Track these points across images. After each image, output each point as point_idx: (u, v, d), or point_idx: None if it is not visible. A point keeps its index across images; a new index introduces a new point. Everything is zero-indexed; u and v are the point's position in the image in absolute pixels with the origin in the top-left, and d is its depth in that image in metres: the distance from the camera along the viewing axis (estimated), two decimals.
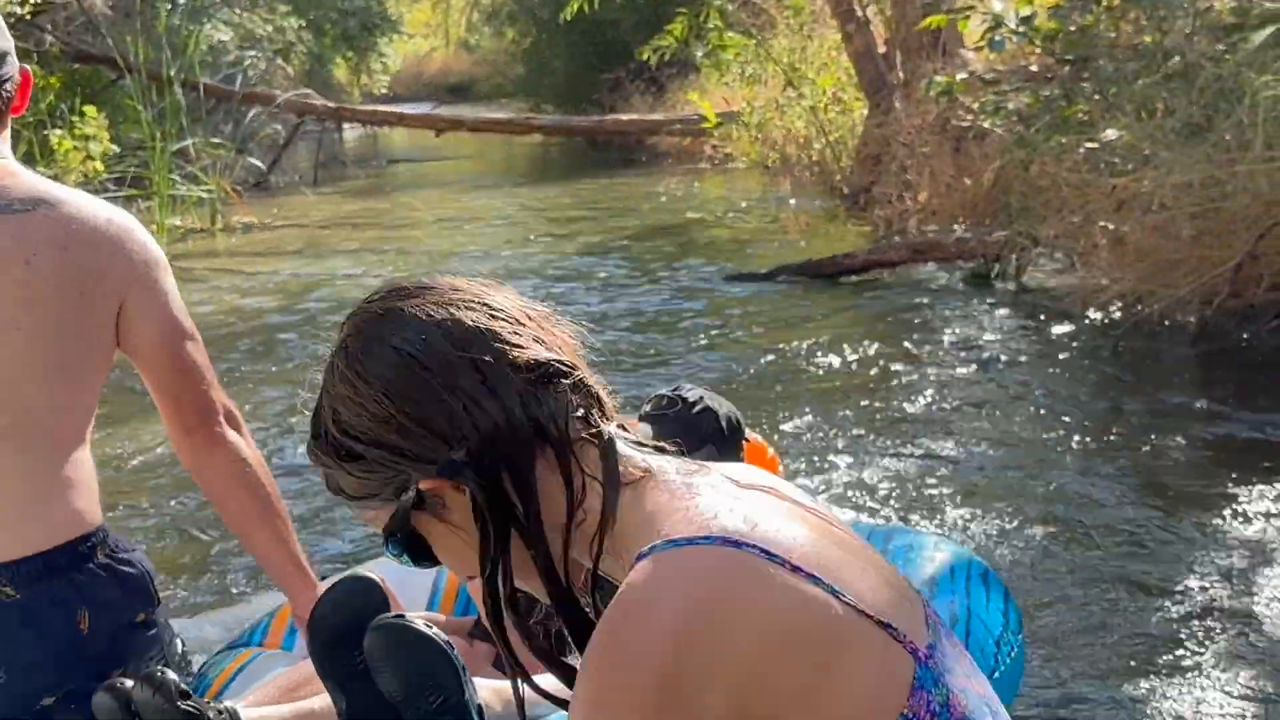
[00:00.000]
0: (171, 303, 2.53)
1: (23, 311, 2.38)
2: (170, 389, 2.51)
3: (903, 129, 11.88)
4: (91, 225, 2.49)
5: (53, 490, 2.43)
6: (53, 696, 2.48)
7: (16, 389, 2.37)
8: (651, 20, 18.67)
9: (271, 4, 24.45)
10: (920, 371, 6.98)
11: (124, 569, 2.56)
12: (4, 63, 2.59)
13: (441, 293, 1.45)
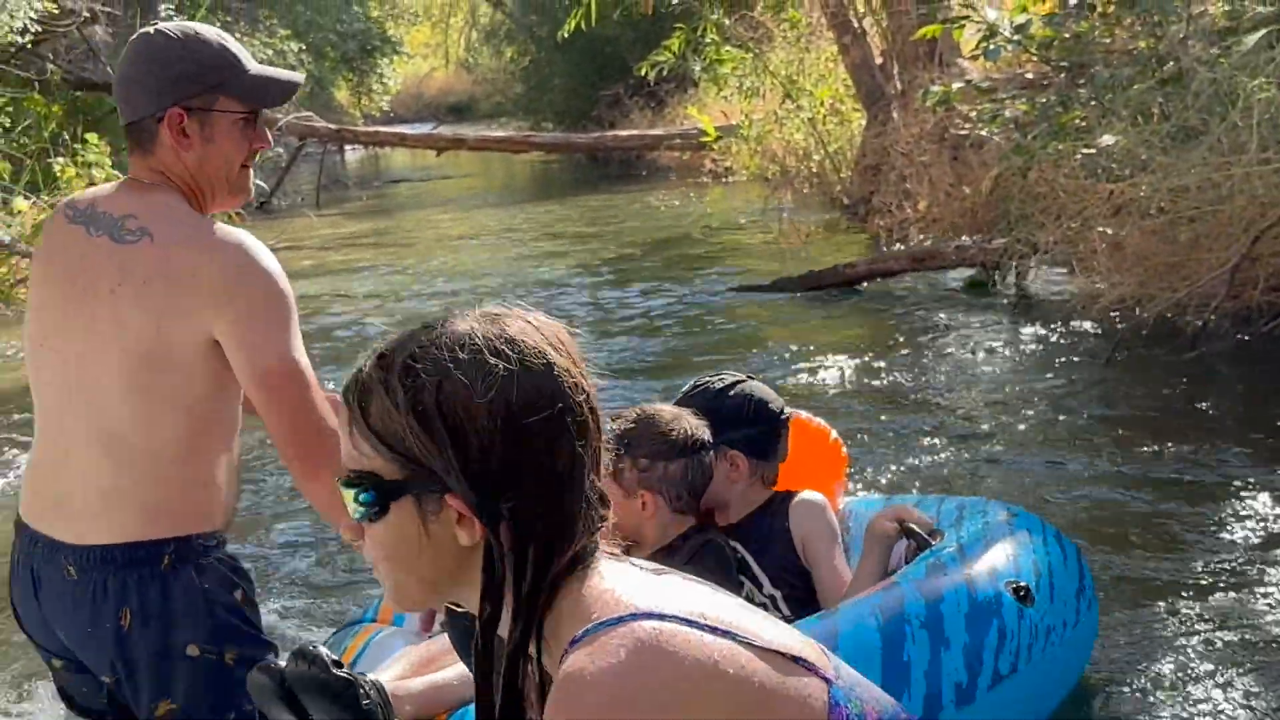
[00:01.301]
0: (262, 340, 2.59)
1: (114, 335, 2.62)
2: (267, 422, 2.62)
3: (901, 138, 11.92)
4: (179, 262, 2.59)
5: (129, 495, 2.64)
6: (109, 678, 2.71)
7: (108, 401, 2.63)
8: (649, 36, 18.75)
9: (271, 27, 24.56)
10: (922, 378, 7.02)
11: (190, 590, 2.65)
12: None
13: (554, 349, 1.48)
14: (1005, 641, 2.71)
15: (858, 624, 2.56)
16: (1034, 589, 2.84)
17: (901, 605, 2.62)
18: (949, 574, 2.75)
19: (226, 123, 2.68)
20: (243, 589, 2.75)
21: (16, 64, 17.12)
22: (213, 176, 2.70)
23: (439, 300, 10.81)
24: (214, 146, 2.68)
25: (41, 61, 18.55)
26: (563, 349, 1.49)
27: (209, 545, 2.71)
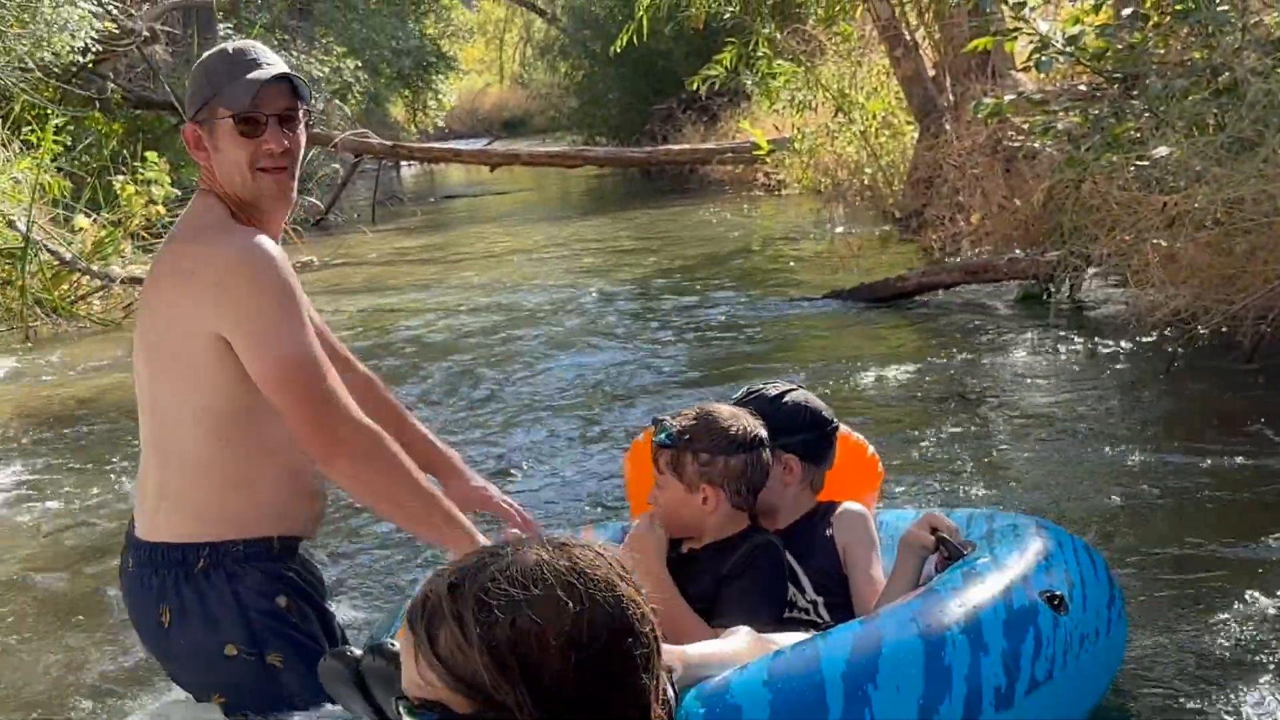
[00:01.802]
0: (263, 336, 2.69)
1: (143, 332, 2.84)
2: (284, 415, 2.69)
3: (953, 151, 11.88)
4: (180, 261, 2.72)
5: (172, 495, 2.81)
6: (163, 666, 2.95)
7: (151, 405, 2.84)
8: (702, 51, 18.79)
9: (328, 45, 24.78)
10: (973, 391, 6.99)
11: (218, 594, 2.74)
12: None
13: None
14: (1041, 648, 2.77)
15: (899, 629, 2.61)
16: (1067, 598, 2.90)
17: (941, 612, 2.67)
18: (985, 583, 2.80)
19: (224, 128, 2.82)
20: (287, 596, 2.81)
21: (78, 83, 17.39)
22: (230, 181, 2.82)
23: (494, 314, 10.87)
24: (221, 153, 2.84)
25: (102, 80, 18.84)
26: (628, 578, 1.51)
27: (250, 553, 2.78)
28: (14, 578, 5.33)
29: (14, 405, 8.58)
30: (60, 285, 11.93)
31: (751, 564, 3.01)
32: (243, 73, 2.79)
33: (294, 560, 2.91)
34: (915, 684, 2.52)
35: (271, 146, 2.81)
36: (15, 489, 6.55)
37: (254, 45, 2.88)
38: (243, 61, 2.81)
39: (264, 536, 2.82)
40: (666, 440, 3.07)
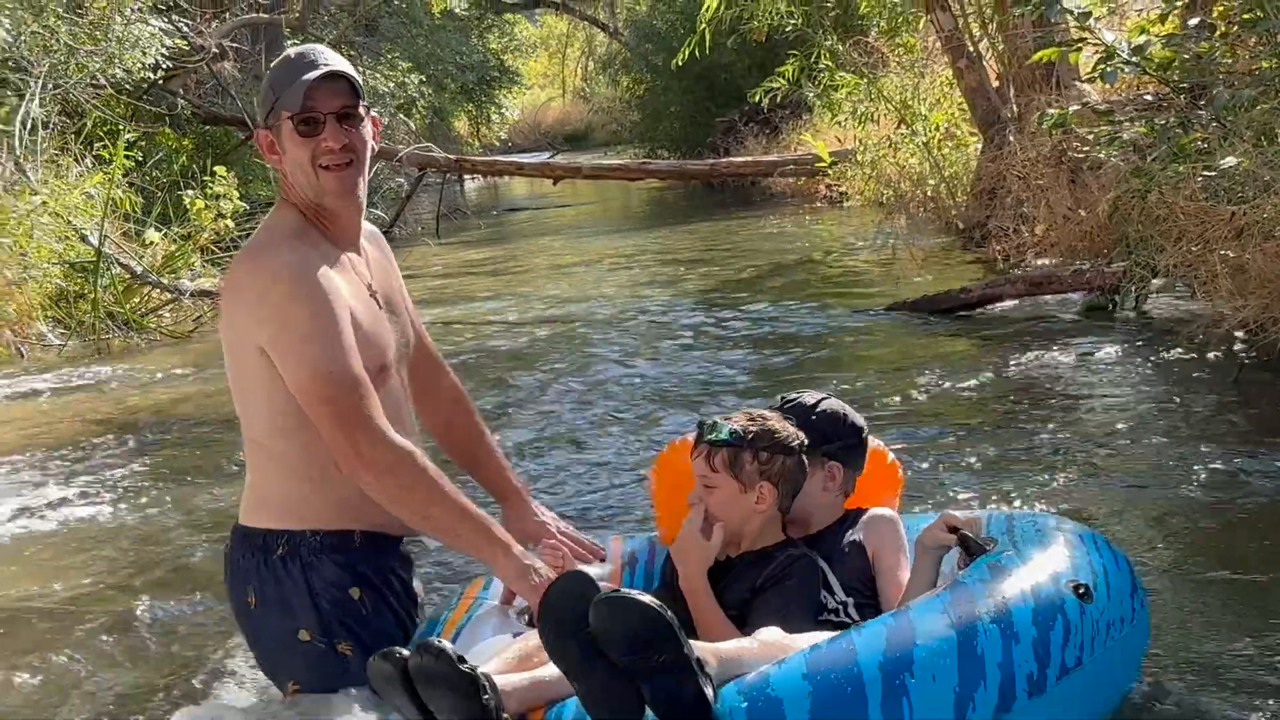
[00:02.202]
0: (296, 354, 2.79)
1: (224, 345, 2.98)
2: (318, 426, 2.77)
3: (1017, 162, 11.83)
4: (235, 275, 2.87)
5: (256, 484, 2.97)
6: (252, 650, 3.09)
7: (238, 403, 2.99)
8: (764, 63, 18.83)
9: (393, 61, 25.02)
10: (1039, 404, 6.96)
11: (294, 581, 2.85)
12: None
13: None
14: (1070, 635, 2.83)
15: (931, 620, 2.67)
16: (1092, 588, 2.97)
17: (972, 603, 2.74)
18: (1012, 574, 2.88)
19: (287, 130, 2.92)
20: (361, 588, 2.89)
21: (148, 99, 17.66)
22: (298, 182, 2.92)
23: (554, 325, 10.94)
24: (288, 156, 2.93)
25: (172, 97, 19.12)
26: None
27: (327, 544, 2.87)
28: (93, 582, 5.44)
29: (89, 416, 8.73)
30: (132, 298, 12.12)
31: (787, 576, 3.05)
32: (299, 74, 2.88)
33: (381, 555, 2.97)
34: (950, 673, 2.58)
35: (330, 144, 2.89)
36: (93, 496, 6.68)
37: (313, 48, 2.97)
38: (300, 64, 2.91)
39: (343, 530, 2.90)
40: (730, 438, 3.10)
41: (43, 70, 14.31)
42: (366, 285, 2.98)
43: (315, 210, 2.93)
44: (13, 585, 5.46)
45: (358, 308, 2.89)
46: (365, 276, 3.00)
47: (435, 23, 28.82)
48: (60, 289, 11.87)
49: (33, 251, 11.79)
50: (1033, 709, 2.72)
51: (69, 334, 11.53)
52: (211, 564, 5.40)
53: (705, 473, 3.11)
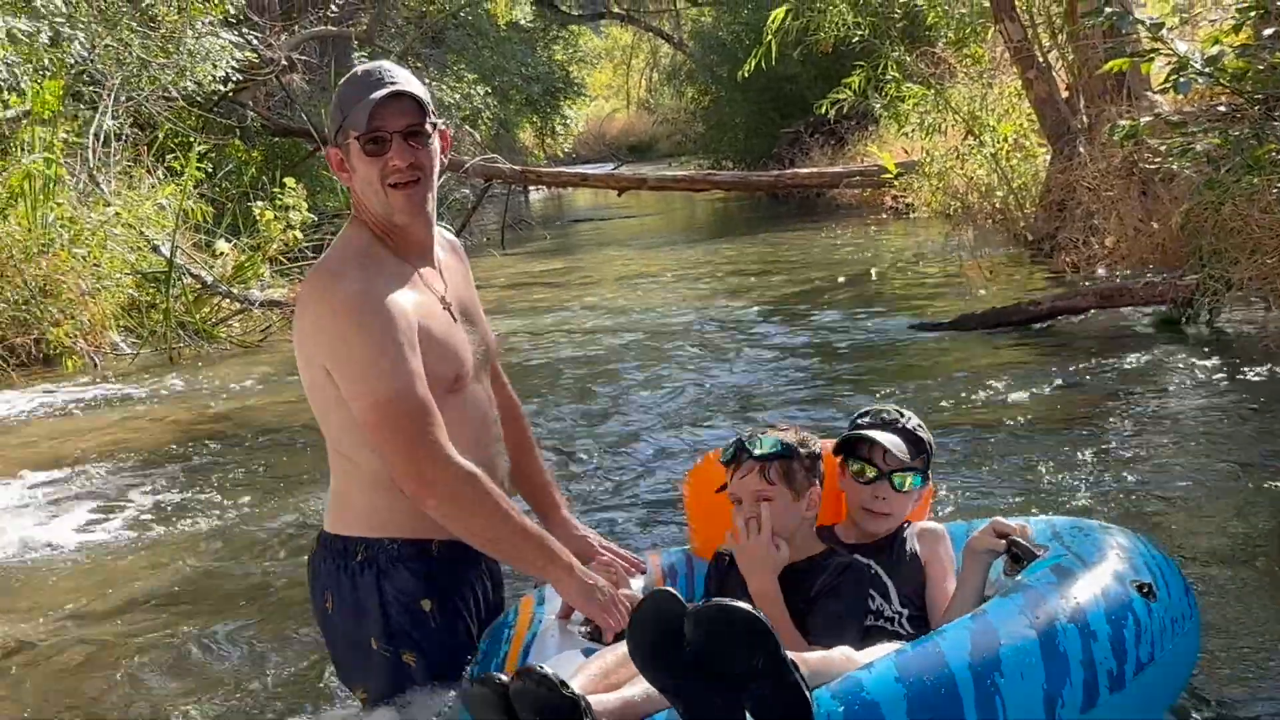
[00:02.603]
0: (354, 381, 2.83)
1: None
2: (380, 451, 2.79)
3: (1088, 173, 11.72)
4: (303, 296, 2.90)
5: (337, 491, 3.01)
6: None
7: (317, 413, 3.01)
8: (829, 74, 18.75)
9: (459, 73, 25.19)
10: (1110, 419, 6.87)
11: (369, 589, 2.87)
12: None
13: None
14: (1142, 633, 2.91)
15: (1012, 622, 2.73)
16: (1154, 586, 3.04)
17: (1048, 604, 2.81)
18: (1078, 576, 2.95)
19: (355, 149, 2.94)
20: (433, 600, 2.90)
21: (219, 111, 17.88)
22: (368, 200, 2.93)
23: (622, 336, 10.95)
24: (357, 174, 2.94)
25: (242, 109, 19.35)
26: None
27: (403, 553, 2.89)
28: (169, 590, 5.50)
29: (163, 425, 8.83)
30: (202, 308, 12.27)
31: (841, 584, 3.10)
32: (365, 93, 2.90)
33: (459, 567, 2.98)
34: (1037, 671, 2.64)
35: (397, 163, 2.90)
36: (169, 505, 6.75)
37: (381, 65, 2.98)
38: (367, 82, 2.92)
39: (421, 539, 2.92)
40: (783, 449, 3.18)
41: (116, 83, 14.53)
42: (440, 298, 2.99)
43: (385, 227, 2.95)
44: (89, 594, 5.53)
45: (429, 322, 2.90)
46: (438, 289, 3.01)
47: (501, 34, 28.99)
48: (132, 299, 12.03)
49: (106, 262, 11.96)
50: (1114, 705, 2.78)
51: (141, 343, 11.69)
52: (289, 572, 5.46)
53: (760, 485, 3.15)
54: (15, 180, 11.64)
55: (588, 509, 5.97)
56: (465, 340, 3.01)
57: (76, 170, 13.08)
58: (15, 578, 5.82)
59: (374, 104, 2.87)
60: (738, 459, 3.20)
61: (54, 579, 5.76)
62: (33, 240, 11.34)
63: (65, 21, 14.60)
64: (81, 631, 5.09)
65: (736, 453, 3.21)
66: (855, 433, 3.41)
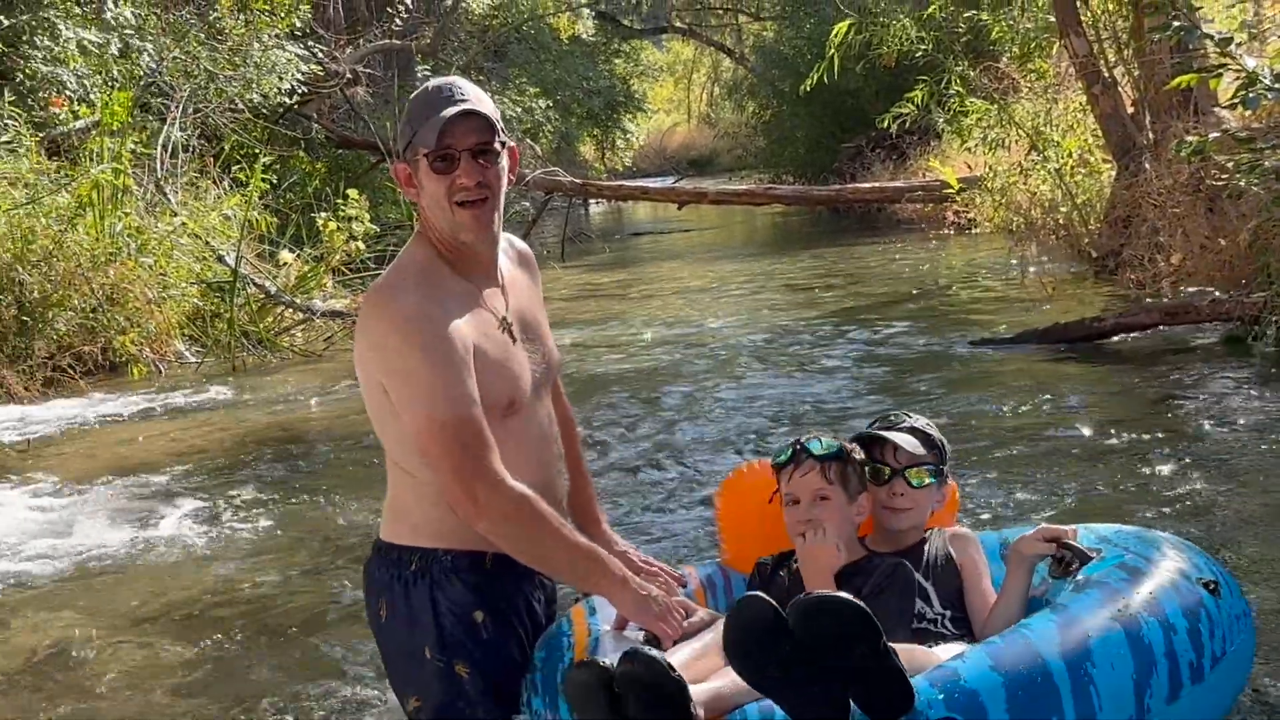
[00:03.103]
0: (407, 401, 2.84)
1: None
2: (434, 472, 2.81)
3: (1153, 190, 11.59)
4: (363, 312, 2.96)
5: (395, 503, 3.02)
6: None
7: (375, 424, 3.01)
8: (892, 89, 18.69)
9: (521, 86, 25.33)
10: (1173, 437, 6.78)
11: (421, 598, 2.90)
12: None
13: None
14: (1214, 627, 2.97)
15: (1095, 615, 2.80)
16: (1219, 583, 3.12)
17: (1124, 597, 2.88)
18: (1147, 573, 3.00)
19: (423, 166, 2.93)
20: (485, 611, 2.92)
21: (284, 123, 18.07)
22: (435, 219, 2.96)
23: (678, 348, 10.95)
24: (425, 191, 2.95)
25: (306, 121, 19.56)
26: None
27: (457, 564, 2.91)
28: (230, 595, 5.55)
29: (225, 432, 8.93)
30: (265, 318, 12.39)
31: (889, 586, 3.12)
32: (435, 110, 2.89)
33: (511, 580, 2.99)
34: (1126, 661, 2.71)
35: (465, 181, 2.90)
36: (229, 511, 6.82)
37: (451, 82, 2.97)
38: (437, 100, 2.92)
39: (474, 551, 2.93)
40: (839, 453, 3.27)
41: (184, 95, 14.73)
42: (500, 319, 2.99)
43: (450, 245, 2.96)
44: (144, 599, 5.59)
45: (485, 345, 2.90)
46: (499, 309, 3.00)
47: (563, 48, 29.13)
48: (197, 308, 12.17)
49: (172, 271, 12.11)
50: (1195, 696, 2.85)
51: (205, 352, 11.81)
52: (347, 579, 5.49)
53: (820, 485, 3.23)
54: (84, 190, 11.81)
55: (628, 517, 6.01)
56: (524, 361, 3.02)
57: (144, 180, 13.26)
58: (74, 581, 5.89)
59: (444, 121, 2.87)
60: (797, 459, 3.27)
61: (112, 583, 5.84)
62: (100, 249, 11.50)
63: (135, 34, 14.83)
64: (135, 636, 5.15)
65: (795, 453, 3.27)
66: (867, 433, 3.47)
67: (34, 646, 5.11)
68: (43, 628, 5.32)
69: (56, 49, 13.71)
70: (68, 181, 12.07)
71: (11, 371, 10.48)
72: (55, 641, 5.13)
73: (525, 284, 3.15)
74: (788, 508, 3.26)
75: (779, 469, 3.32)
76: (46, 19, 13.78)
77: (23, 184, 11.83)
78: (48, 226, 11.30)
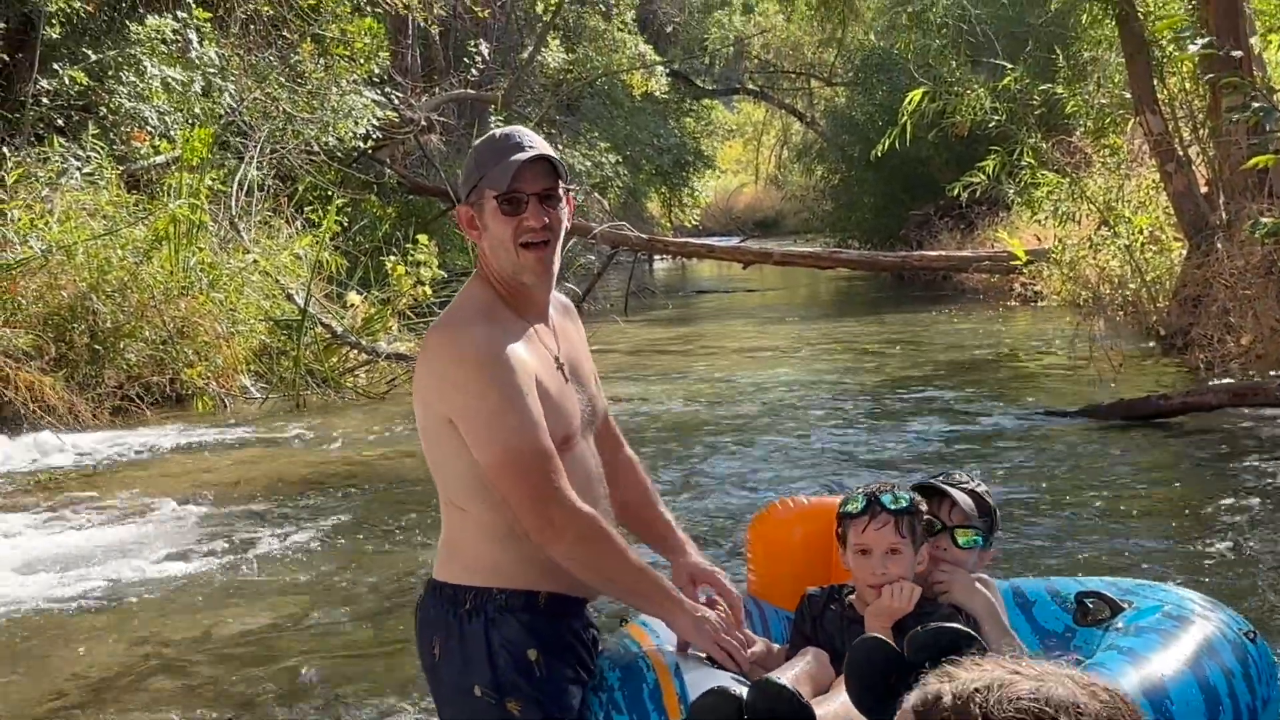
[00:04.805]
0: (478, 435, 2.90)
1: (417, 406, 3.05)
2: (508, 499, 2.85)
3: (1225, 270, 11.51)
4: (427, 346, 3.02)
5: (449, 542, 3.04)
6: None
7: (430, 463, 3.04)
8: (962, 158, 18.68)
9: (592, 140, 25.52)
10: (1237, 519, 6.69)
11: (476, 637, 2.93)
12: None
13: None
14: (1261, 673, 3.12)
15: (1160, 656, 2.95)
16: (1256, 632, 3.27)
17: (1179, 643, 3.01)
18: (1194, 622, 3.12)
19: (491, 208, 3.00)
20: (539, 650, 2.95)
21: (357, 167, 18.31)
22: (497, 258, 3.03)
23: (736, 405, 10.95)
24: (489, 232, 3.02)
25: (380, 166, 19.80)
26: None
27: (512, 603, 2.94)
28: (282, 631, 5.58)
29: (287, 469, 9.01)
30: (330, 357, 12.51)
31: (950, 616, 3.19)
32: (505, 155, 2.97)
33: (565, 618, 3.01)
34: (1199, 702, 2.87)
35: (532, 223, 2.97)
36: (286, 547, 6.87)
37: (518, 130, 3.08)
38: (506, 146, 3.01)
39: (529, 590, 2.97)
40: (911, 506, 3.30)
41: (262, 135, 14.97)
42: (554, 358, 3.06)
43: (510, 286, 3.03)
44: (192, 628, 5.64)
45: (545, 380, 2.97)
46: (553, 349, 3.08)
47: (635, 105, 29.34)
48: (264, 344, 12.32)
49: (242, 307, 12.28)
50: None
51: (270, 388, 11.94)
52: (397, 618, 5.52)
53: (894, 540, 3.26)
54: (161, 224, 12.02)
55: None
56: (576, 400, 3.09)
57: (219, 217, 13.48)
58: (126, 608, 5.96)
59: (516, 165, 2.95)
60: (871, 511, 3.29)
61: (166, 612, 5.90)
62: (174, 283, 11.68)
63: (217, 73, 15.11)
64: (177, 663, 5.20)
65: (870, 504, 3.30)
66: (928, 484, 3.49)
67: (81, 672, 5.16)
68: (93, 652, 5.38)
69: (141, 85, 14.00)
70: (145, 215, 12.29)
71: (81, 399, 10.64)
72: (104, 666, 5.19)
73: (572, 331, 3.24)
74: (857, 557, 3.30)
75: (850, 518, 3.33)
76: (133, 55, 14.07)
77: (101, 215, 12.06)
78: (124, 258, 11.50)
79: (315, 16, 17.12)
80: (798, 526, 3.64)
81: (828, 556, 3.57)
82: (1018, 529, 6.41)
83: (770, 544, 3.69)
